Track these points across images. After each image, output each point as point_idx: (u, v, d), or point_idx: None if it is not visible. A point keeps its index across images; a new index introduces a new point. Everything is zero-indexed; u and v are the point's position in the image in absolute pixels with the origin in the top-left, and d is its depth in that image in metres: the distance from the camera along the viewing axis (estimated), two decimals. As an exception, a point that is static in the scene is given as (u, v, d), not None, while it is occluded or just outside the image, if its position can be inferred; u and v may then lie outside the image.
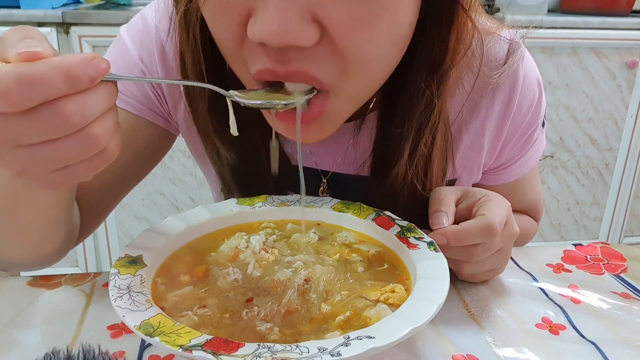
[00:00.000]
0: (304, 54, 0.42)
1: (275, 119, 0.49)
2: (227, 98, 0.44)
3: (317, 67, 0.43)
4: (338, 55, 0.43)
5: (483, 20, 0.57)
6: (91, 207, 0.64)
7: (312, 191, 0.67)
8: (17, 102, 0.31)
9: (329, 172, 0.66)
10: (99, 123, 0.34)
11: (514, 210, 0.57)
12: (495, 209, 0.53)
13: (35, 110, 0.32)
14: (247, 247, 0.53)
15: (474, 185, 0.71)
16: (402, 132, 0.56)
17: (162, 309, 0.42)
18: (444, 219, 0.54)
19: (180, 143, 0.74)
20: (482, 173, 0.70)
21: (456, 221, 0.53)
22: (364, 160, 0.63)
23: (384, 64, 0.48)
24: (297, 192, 0.66)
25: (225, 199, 0.66)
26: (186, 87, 0.59)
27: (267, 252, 0.52)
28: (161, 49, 0.62)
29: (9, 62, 0.31)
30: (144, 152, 0.66)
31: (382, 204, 0.59)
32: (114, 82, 0.36)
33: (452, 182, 0.67)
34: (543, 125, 0.69)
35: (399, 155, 0.57)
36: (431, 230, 0.54)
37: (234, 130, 0.45)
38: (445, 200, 0.56)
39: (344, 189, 0.66)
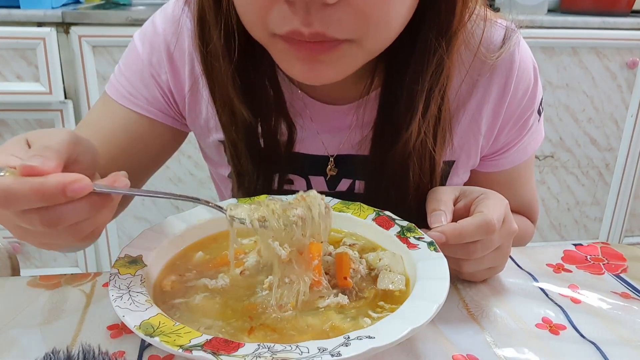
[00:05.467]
0: (325, 14, 0.45)
1: (290, 58, 0.51)
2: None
3: (337, 29, 0.46)
4: (359, 15, 0.46)
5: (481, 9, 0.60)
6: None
7: (320, 171, 0.68)
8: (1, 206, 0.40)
9: (334, 154, 0.68)
10: (78, 225, 0.42)
11: (511, 210, 0.57)
12: (493, 206, 0.53)
13: (22, 212, 0.40)
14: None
15: (472, 172, 0.73)
16: (416, 89, 0.58)
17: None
18: (442, 217, 0.54)
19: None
20: (480, 159, 0.71)
21: (455, 220, 0.54)
22: (364, 139, 0.65)
23: (400, 21, 0.50)
24: (304, 171, 0.68)
25: (237, 179, 0.68)
26: (204, 51, 0.60)
27: None
28: (168, 51, 0.66)
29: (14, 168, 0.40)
30: (156, 150, 0.71)
31: (392, 173, 0.62)
32: (106, 195, 0.43)
33: (450, 164, 0.68)
34: (540, 113, 0.70)
35: (413, 112, 0.59)
36: (430, 229, 0.54)
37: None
38: (443, 200, 0.56)
39: (351, 166, 0.68)
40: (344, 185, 0.69)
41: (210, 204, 0.49)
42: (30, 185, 0.39)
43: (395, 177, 0.63)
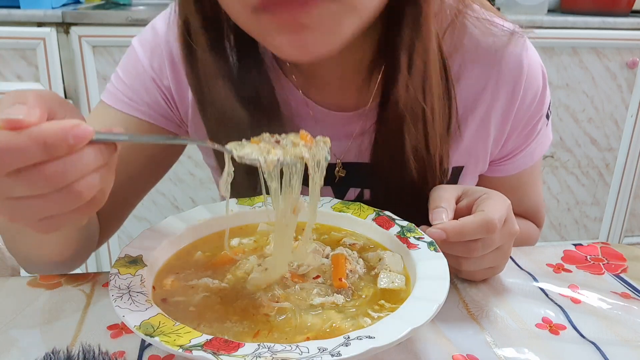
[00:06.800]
0: None
1: (276, 33, 0.49)
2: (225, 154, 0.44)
3: None
4: None
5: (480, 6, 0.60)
6: (109, 213, 0.66)
7: (326, 179, 0.68)
8: None
9: (341, 159, 0.67)
10: (84, 181, 0.36)
11: (516, 214, 0.57)
12: (495, 205, 0.53)
13: (19, 171, 0.34)
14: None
15: (479, 177, 0.72)
16: (398, 42, 0.56)
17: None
18: (444, 214, 0.54)
19: (180, 143, 0.75)
20: (487, 164, 0.70)
21: (456, 219, 0.53)
22: (367, 147, 0.65)
23: None
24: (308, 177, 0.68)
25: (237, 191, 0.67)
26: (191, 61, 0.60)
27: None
28: (171, 57, 0.65)
29: None
30: (157, 156, 0.69)
31: (390, 144, 0.61)
32: (110, 142, 0.38)
33: (459, 170, 0.68)
34: (548, 117, 0.70)
35: (398, 68, 0.57)
36: (431, 226, 0.54)
37: (223, 191, 0.45)
38: (445, 197, 0.56)
39: (357, 174, 0.67)
40: (351, 194, 0.69)
41: (216, 146, 0.45)
42: (29, 135, 0.33)
43: (390, 147, 0.62)
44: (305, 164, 0.45)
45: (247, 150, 0.44)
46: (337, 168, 0.68)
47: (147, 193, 0.72)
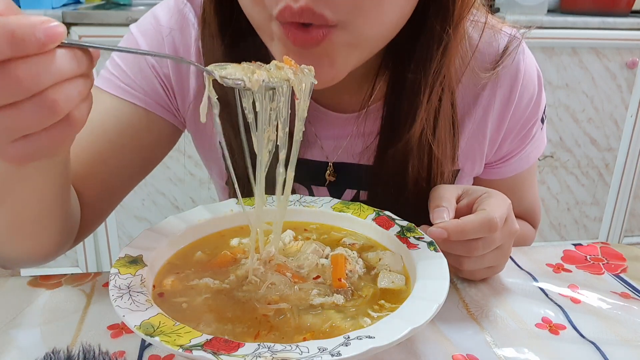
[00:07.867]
0: None
1: (284, 42, 0.49)
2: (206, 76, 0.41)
3: (324, 4, 0.46)
4: None
5: (482, 15, 0.61)
6: (93, 202, 0.64)
7: (321, 179, 0.68)
8: None
9: (334, 160, 0.68)
10: (59, 89, 0.33)
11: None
12: (496, 204, 0.53)
13: None
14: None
15: (474, 179, 0.73)
16: (419, 79, 0.57)
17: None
18: (445, 213, 0.54)
19: (180, 144, 0.74)
20: (483, 167, 0.71)
21: (457, 218, 0.53)
22: (366, 149, 0.65)
23: (395, 10, 0.49)
24: (305, 179, 0.68)
25: (234, 187, 0.67)
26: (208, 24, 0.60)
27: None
28: (173, 46, 0.64)
29: None
30: (150, 146, 0.67)
31: (391, 171, 0.62)
32: (87, 50, 0.35)
33: (455, 174, 0.68)
34: (543, 122, 0.70)
35: (416, 104, 0.58)
36: (432, 225, 0.54)
37: (202, 117, 0.42)
38: (446, 197, 0.56)
39: (353, 175, 0.68)
40: (348, 195, 0.69)
41: (197, 64, 0.42)
42: None
43: (394, 177, 0.63)
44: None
45: (230, 70, 0.41)
46: (328, 171, 0.68)
47: (134, 187, 0.69)
